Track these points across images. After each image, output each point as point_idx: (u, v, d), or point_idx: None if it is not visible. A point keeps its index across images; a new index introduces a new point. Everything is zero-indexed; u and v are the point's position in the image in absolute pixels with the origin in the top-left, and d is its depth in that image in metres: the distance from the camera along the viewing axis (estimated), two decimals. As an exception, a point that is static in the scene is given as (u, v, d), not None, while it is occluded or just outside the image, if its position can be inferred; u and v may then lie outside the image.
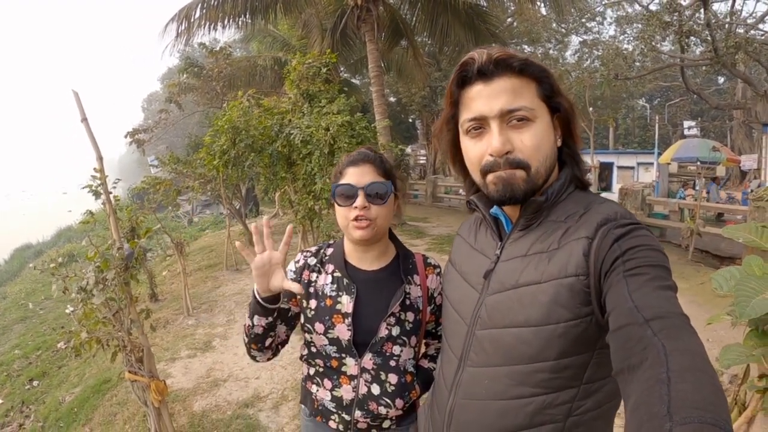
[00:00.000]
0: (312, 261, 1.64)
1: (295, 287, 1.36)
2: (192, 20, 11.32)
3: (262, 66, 17.12)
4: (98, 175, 3.53)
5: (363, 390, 1.52)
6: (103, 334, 3.34)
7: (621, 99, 29.47)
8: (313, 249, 1.68)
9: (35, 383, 6.90)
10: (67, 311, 3.51)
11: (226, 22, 11.53)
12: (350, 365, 1.52)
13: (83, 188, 5.15)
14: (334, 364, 1.53)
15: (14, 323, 10.88)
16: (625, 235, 0.98)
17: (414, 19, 13.02)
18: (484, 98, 1.10)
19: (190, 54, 22.04)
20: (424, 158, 29.59)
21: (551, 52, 26.54)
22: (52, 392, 6.24)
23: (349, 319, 1.51)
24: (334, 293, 1.55)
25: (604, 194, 11.77)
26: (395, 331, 1.52)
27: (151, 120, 24.25)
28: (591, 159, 10.84)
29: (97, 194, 6.05)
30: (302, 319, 1.60)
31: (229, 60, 17.13)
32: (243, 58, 19.30)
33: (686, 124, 27.49)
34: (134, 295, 3.40)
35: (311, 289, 1.59)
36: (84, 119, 3.31)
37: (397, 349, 1.53)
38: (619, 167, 21.38)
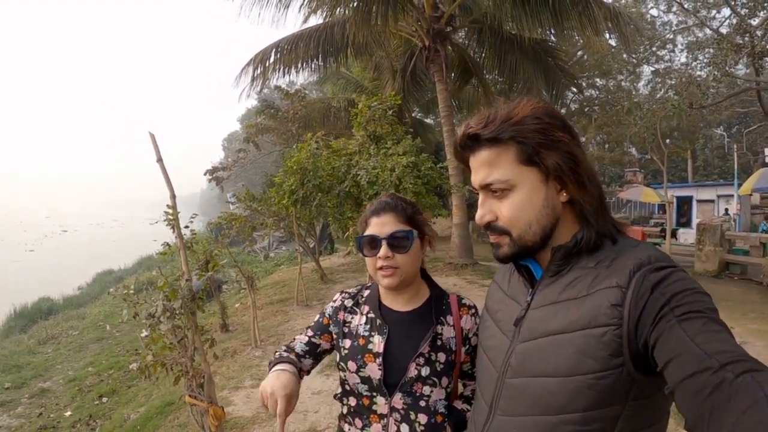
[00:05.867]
0: (348, 303, 1.68)
1: None
2: (267, 64, 11.81)
3: (336, 107, 17.40)
4: (171, 211, 3.85)
5: (393, 429, 1.51)
6: (168, 358, 3.60)
7: (698, 129, 27.81)
8: (352, 290, 1.72)
9: (104, 399, 7.36)
10: (141, 335, 3.75)
11: (299, 65, 11.88)
12: (380, 404, 1.53)
13: (155, 223, 5.45)
14: (366, 402, 1.55)
15: (90, 342, 11.63)
16: (663, 280, 0.93)
17: (482, 57, 13.00)
18: (473, 171, 1.16)
19: (268, 96, 22.81)
20: None
21: (623, 83, 25.70)
22: (119, 409, 6.61)
23: (380, 358, 1.52)
24: (366, 333, 1.58)
25: (682, 230, 11.14)
26: (425, 371, 1.51)
27: (231, 158, 25.20)
28: (665, 193, 10.42)
29: (174, 228, 6.42)
30: (337, 358, 1.62)
31: (303, 102, 17.68)
32: (317, 100, 19.76)
33: (767, 151, 26.08)
34: (201, 324, 3.61)
35: (345, 329, 1.63)
36: (159, 159, 3.61)
37: (427, 390, 1.52)
38: (699, 201, 20.40)
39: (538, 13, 9.24)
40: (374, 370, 1.52)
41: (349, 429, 1.59)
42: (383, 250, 1.53)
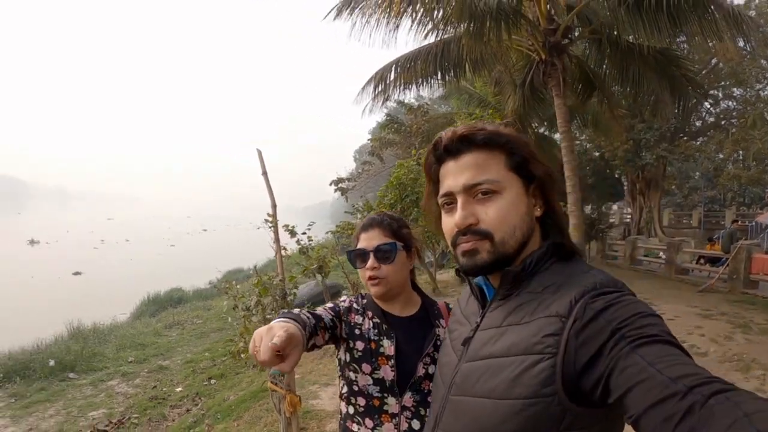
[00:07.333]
0: (356, 306, 1.78)
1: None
2: (388, 81, 12.12)
3: (457, 123, 17.41)
4: (271, 219, 4.29)
5: (404, 427, 1.62)
6: (258, 348, 4.02)
7: None
8: (353, 297, 1.84)
9: (212, 381, 8.16)
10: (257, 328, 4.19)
11: (419, 81, 12.03)
12: (391, 404, 1.63)
13: (258, 228, 5.84)
14: (376, 403, 1.64)
15: (211, 331, 12.76)
16: (610, 306, 0.92)
17: (603, 69, 12.39)
18: (452, 175, 1.14)
19: (395, 110, 23.36)
20: (630, 217, 27.32)
21: (762, 93, 22.98)
22: (223, 392, 7.32)
23: (392, 361, 1.64)
24: (376, 337, 1.68)
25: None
26: (431, 369, 1.62)
27: (359, 170, 26.13)
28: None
29: (292, 234, 6.96)
30: (347, 359, 1.70)
31: (426, 117, 18.04)
32: (440, 115, 19.92)
33: None
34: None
35: (356, 331, 1.71)
36: (264, 173, 4.09)
37: None
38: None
39: (656, 20, 8.76)
40: (387, 372, 1.64)
41: (359, 429, 1.68)
42: (370, 261, 1.69)
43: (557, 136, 22.22)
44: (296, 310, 1.52)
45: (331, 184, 20.76)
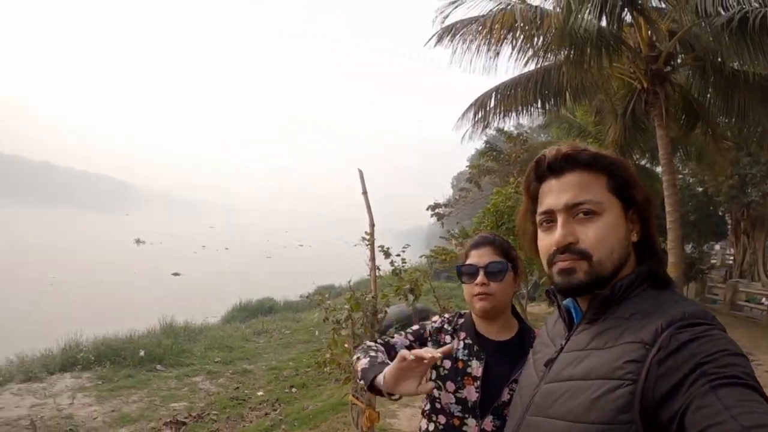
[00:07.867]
0: (448, 327, 1.81)
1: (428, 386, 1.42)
2: (488, 108, 12.09)
3: (557, 151, 17.09)
4: (368, 237, 4.45)
5: None
6: (344, 360, 4.17)
7: None
8: (448, 316, 1.87)
9: (294, 390, 8.42)
10: (344, 345, 4.32)
11: (518, 109, 11.97)
12: (471, 426, 1.63)
13: (355, 245, 5.94)
14: (456, 422, 1.65)
15: (298, 342, 13.06)
16: (695, 339, 0.90)
17: (707, 98, 11.60)
18: (553, 193, 1.14)
19: (495, 138, 23.25)
20: (732, 258, 25.14)
21: None
22: (303, 400, 7.52)
23: (479, 382, 1.64)
24: (465, 357, 1.70)
25: None
26: None
27: (456, 196, 26.17)
28: None
29: (386, 255, 7.12)
30: (432, 376, 1.71)
31: (525, 145, 17.87)
32: (539, 144, 19.41)
33: None
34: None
35: None
36: (364, 193, 4.27)
37: None
38: None
39: (761, 44, 8.20)
40: (471, 393, 1.65)
41: None
42: (480, 277, 1.70)
43: (659, 169, 21.32)
44: (372, 349, 1.65)
45: (427, 209, 20.89)
